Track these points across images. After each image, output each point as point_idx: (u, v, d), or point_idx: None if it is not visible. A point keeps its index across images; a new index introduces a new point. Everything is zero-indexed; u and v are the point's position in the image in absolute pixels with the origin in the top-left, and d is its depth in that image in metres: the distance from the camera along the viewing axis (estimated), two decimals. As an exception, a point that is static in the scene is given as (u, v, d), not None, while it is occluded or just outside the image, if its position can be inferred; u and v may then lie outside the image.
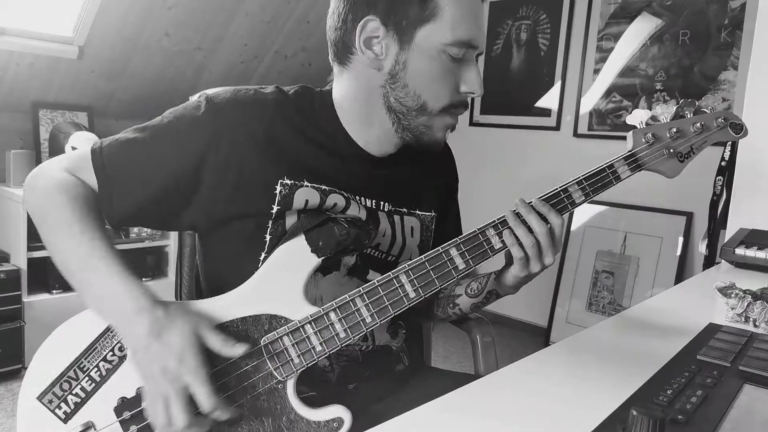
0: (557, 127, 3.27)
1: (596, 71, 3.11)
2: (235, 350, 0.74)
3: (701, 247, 2.37)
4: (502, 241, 0.82)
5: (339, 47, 0.88)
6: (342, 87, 0.91)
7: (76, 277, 0.77)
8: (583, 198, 0.85)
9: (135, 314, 0.73)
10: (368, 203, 0.92)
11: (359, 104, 0.90)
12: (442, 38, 0.83)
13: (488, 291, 0.97)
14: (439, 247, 0.81)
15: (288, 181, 0.85)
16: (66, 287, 2.61)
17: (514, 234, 0.81)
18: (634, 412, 0.50)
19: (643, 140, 0.90)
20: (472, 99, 0.82)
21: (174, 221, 0.88)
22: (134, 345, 0.73)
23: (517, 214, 0.82)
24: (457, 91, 0.88)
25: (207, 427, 0.73)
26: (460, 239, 0.81)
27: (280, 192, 0.85)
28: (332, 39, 0.89)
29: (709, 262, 2.29)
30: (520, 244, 0.81)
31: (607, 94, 3.08)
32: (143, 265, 2.90)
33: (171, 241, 2.96)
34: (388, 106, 0.88)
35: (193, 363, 0.71)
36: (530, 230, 0.81)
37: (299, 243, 0.79)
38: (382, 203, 0.94)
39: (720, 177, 2.23)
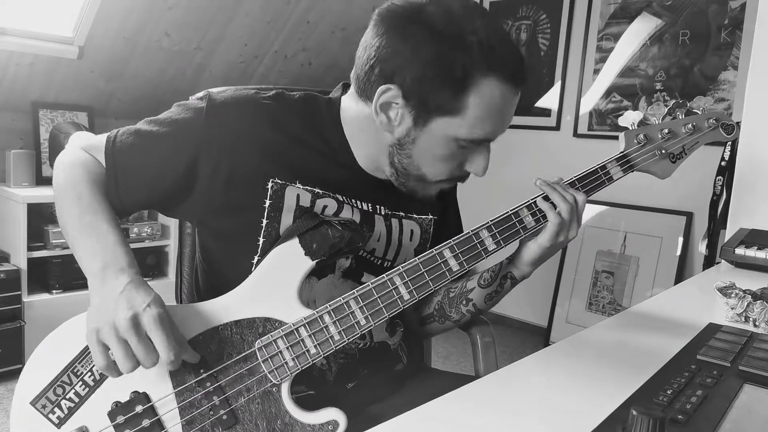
0: (557, 127, 3.27)
1: (596, 71, 3.11)
2: (191, 356, 0.75)
3: (701, 247, 2.37)
4: (496, 242, 0.83)
5: (358, 85, 0.85)
6: (352, 112, 0.89)
7: (72, 235, 0.81)
8: None
9: (116, 272, 0.75)
10: (363, 206, 0.91)
11: (365, 141, 0.89)
12: (457, 132, 0.81)
13: (502, 276, 0.94)
14: (433, 249, 0.81)
15: (279, 181, 0.85)
16: (66, 287, 2.61)
17: (550, 202, 0.85)
18: (634, 412, 0.50)
19: (635, 141, 0.90)
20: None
21: (173, 209, 0.90)
22: (103, 296, 0.73)
23: (552, 186, 0.86)
24: (459, 168, 0.87)
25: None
26: (453, 241, 0.82)
27: (272, 187, 0.85)
28: (356, 70, 0.85)
29: (709, 262, 2.29)
30: (557, 213, 0.84)
31: (607, 94, 3.07)
32: (143, 265, 2.90)
33: (171, 241, 2.96)
34: (391, 161, 0.88)
35: (156, 312, 0.71)
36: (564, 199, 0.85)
37: (293, 246, 0.79)
38: (378, 206, 0.93)
39: (720, 177, 2.23)
